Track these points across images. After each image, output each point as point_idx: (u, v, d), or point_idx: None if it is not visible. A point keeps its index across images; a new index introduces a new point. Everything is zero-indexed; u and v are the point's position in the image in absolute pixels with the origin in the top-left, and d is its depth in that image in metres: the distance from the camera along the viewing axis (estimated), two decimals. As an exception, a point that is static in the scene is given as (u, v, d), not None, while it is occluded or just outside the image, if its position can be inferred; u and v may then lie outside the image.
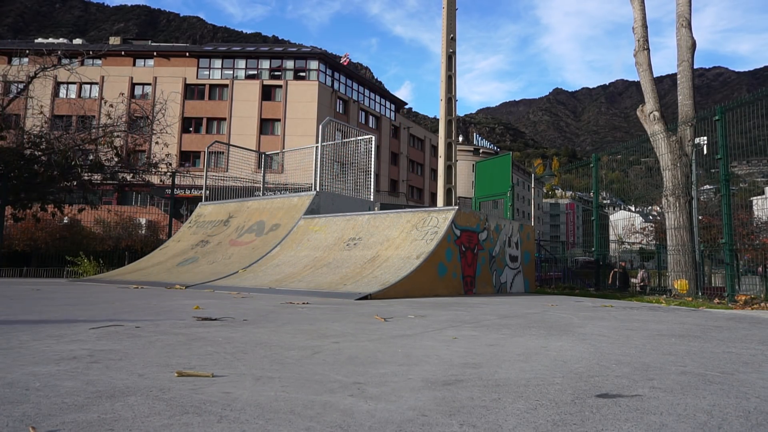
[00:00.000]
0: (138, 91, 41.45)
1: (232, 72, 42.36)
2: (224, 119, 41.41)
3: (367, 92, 47.90)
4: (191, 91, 42.17)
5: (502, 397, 1.34)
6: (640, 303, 5.77)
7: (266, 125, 41.43)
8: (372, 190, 9.64)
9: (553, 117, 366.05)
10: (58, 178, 12.65)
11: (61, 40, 60.31)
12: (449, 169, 12.60)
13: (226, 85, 41.95)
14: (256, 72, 42.46)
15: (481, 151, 73.79)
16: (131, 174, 14.86)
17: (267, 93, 41.80)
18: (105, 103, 14.70)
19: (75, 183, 13.25)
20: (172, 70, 41.87)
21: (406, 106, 65.87)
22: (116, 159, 13.84)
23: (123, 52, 42.49)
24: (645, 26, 9.98)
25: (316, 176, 9.19)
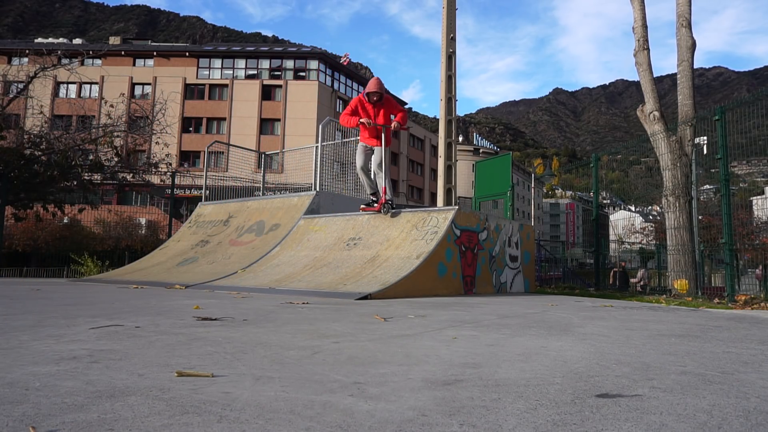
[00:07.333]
0: (138, 91, 41.46)
1: (232, 72, 42.37)
2: (224, 119, 41.42)
3: (367, 92, 47.83)
4: (191, 91, 42.18)
5: (502, 397, 1.34)
6: (640, 303, 5.77)
7: (266, 125, 41.44)
8: (372, 190, 9.62)
9: (553, 117, 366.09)
10: (58, 178, 12.66)
11: (61, 40, 60.31)
12: (449, 169, 12.60)
13: (226, 85, 41.96)
14: (256, 72, 42.46)
15: (481, 151, 73.80)
16: (131, 174, 14.87)
17: (267, 93, 41.80)
18: (105, 103, 14.72)
19: (75, 183, 13.26)
20: (172, 70, 41.88)
21: (406, 106, 65.88)
22: (116, 159, 13.86)
23: (123, 52, 42.50)
24: (645, 26, 9.99)
25: (316, 176, 9.20)
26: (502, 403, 1.28)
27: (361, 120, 6.51)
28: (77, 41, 58.81)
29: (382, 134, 6.60)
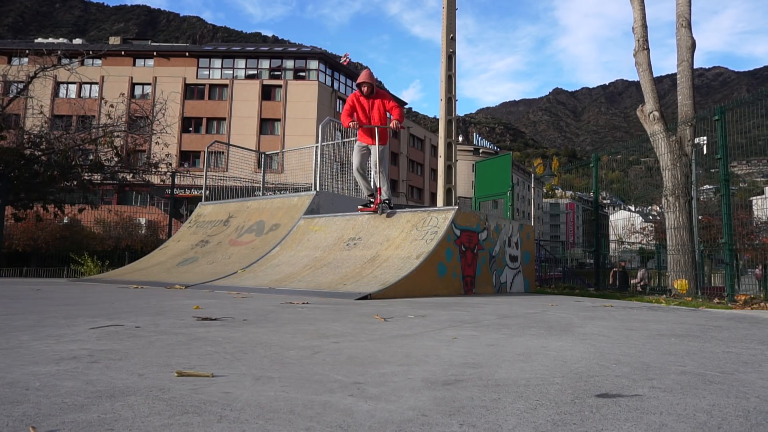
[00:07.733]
0: (138, 91, 41.46)
1: (232, 72, 42.37)
2: (224, 119, 41.42)
3: (367, 92, 47.77)
4: (191, 91, 42.17)
5: (502, 397, 1.34)
6: (640, 303, 5.77)
7: (266, 125, 41.44)
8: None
9: (553, 117, 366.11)
10: (58, 178, 12.66)
11: (61, 40, 60.30)
12: (449, 169, 12.60)
13: (226, 85, 41.96)
14: (255, 72, 42.46)
15: (481, 151, 73.79)
16: (131, 174, 14.87)
17: (267, 93, 41.80)
18: (105, 103, 14.71)
19: (75, 183, 13.26)
20: (172, 70, 41.87)
21: (406, 106, 65.90)
22: (116, 159, 13.85)
23: (123, 52, 42.50)
24: (645, 26, 9.99)
25: (315, 176, 9.19)
26: (502, 403, 1.28)
27: (351, 123, 6.51)
28: (77, 41, 58.80)
29: (376, 132, 6.60)
